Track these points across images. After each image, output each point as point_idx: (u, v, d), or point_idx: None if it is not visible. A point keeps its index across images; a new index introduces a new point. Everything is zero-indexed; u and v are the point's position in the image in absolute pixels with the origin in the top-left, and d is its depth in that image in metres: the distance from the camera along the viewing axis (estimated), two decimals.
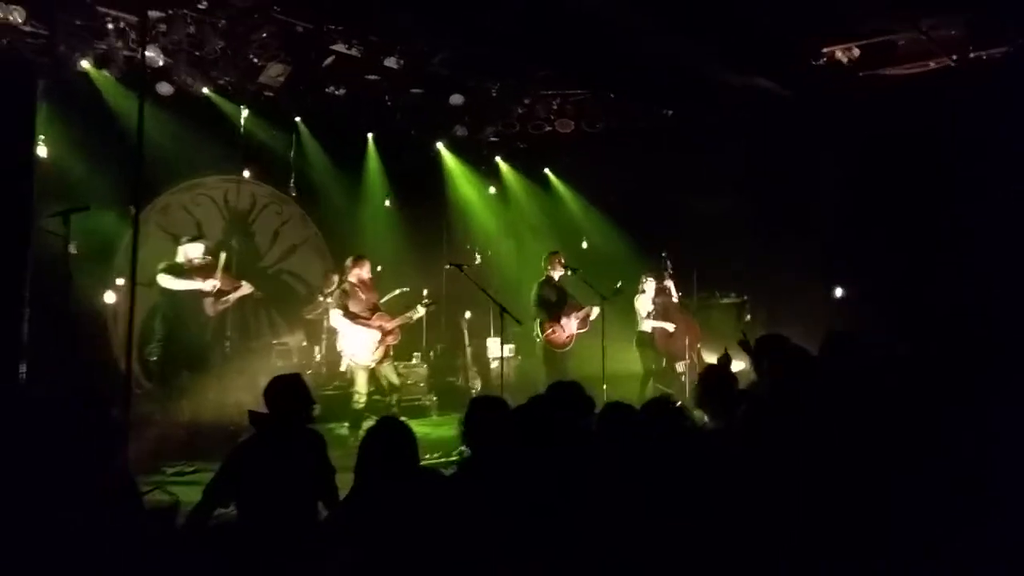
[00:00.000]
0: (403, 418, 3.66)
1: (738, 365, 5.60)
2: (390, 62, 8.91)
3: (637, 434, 3.35)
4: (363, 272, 8.02)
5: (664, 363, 8.99)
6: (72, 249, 5.67)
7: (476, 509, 3.03)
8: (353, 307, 7.90)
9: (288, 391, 3.92)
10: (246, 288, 7.61)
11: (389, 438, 3.14)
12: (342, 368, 8.28)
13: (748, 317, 9.82)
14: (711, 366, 5.47)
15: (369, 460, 3.10)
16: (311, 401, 4.01)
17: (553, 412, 3.63)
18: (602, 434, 3.51)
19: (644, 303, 8.87)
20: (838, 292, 9.42)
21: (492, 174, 12.20)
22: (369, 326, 7.89)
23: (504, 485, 3.15)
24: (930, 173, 8.38)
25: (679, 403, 3.79)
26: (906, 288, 8.41)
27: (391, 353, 8.12)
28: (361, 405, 7.82)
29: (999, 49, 8.10)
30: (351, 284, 7.98)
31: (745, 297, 9.91)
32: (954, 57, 8.25)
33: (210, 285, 7.19)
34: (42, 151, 7.49)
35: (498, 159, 12.14)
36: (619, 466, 3.17)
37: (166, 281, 7.06)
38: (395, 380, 8.12)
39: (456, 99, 9.83)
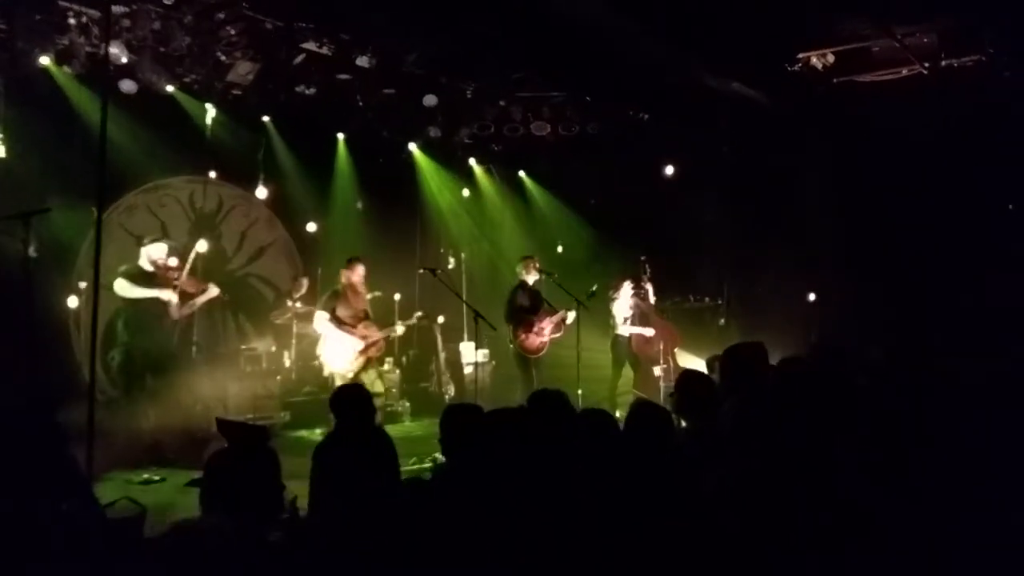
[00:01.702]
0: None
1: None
2: (362, 61, 8.76)
3: (617, 440, 3.33)
4: (355, 275, 7.86)
5: (639, 367, 8.94)
6: (32, 252, 5.44)
7: (454, 515, 2.97)
8: (341, 311, 7.74)
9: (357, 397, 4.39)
10: (213, 291, 7.40)
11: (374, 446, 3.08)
12: (324, 374, 8.09)
13: (723, 321, 9.81)
14: (687, 371, 5.42)
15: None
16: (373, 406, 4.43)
17: (534, 420, 3.60)
18: (581, 439, 3.46)
19: (621, 307, 8.81)
20: (811, 297, 9.44)
21: (466, 176, 12.08)
22: (353, 335, 7.73)
23: (481, 491, 3.12)
24: (904, 178, 8.44)
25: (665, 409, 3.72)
26: (879, 292, 8.46)
27: (373, 364, 7.96)
28: None
29: (972, 58, 8.18)
30: (343, 287, 7.81)
31: (720, 301, 9.90)
32: (927, 65, 8.31)
33: (167, 296, 6.97)
34: (0, 150, 7.25)
35: (472, 161, 12.02)
36: (599, 471, 3.13)
37: (123, 288, 6.83)
38: (380, 389, 7.95)
39: (430, 100, 9.71)
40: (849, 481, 3.03)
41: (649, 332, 8.78)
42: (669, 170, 10.49)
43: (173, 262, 7.13)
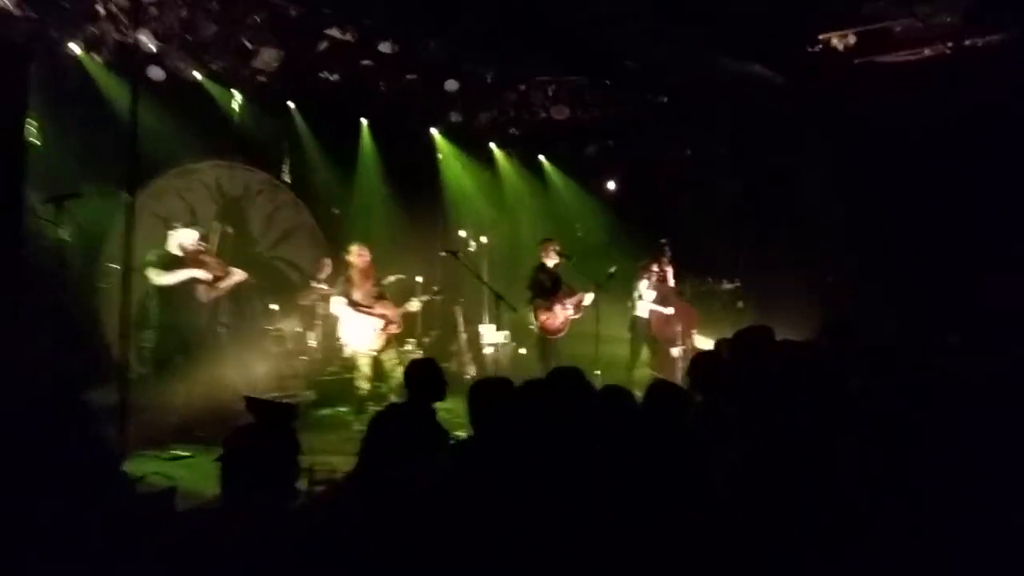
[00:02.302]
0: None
1: None
2: (384, 47, 8.86)
3: (634, 418, 3.38)
4: (359, 259, 8.02)
5: (657, 349, 9.02)
6: (65, 235, 5.63)
7: (478, 490, 3.04)
8: (355, 295, 7.92)
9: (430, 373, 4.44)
10: (238, 275, 7.57)
11: (397, 424, 3.15)
12: (345, 354, 8.28)
13: (741, 304, 9.84)
14: (702, 352, 5.48)
15: (375, 444, 3.11)
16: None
17: (552, 395, 3.64)
18: (601, 418, 3.52)
19: (643, 289, 8.89)
20: (829, 279, 9.44)
21: (487, 161, 12.16)
22: (371, 314, 7.90)
23: (507, 467, 3.16)
24: (925, 161, 8.39)
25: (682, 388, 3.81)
26: (899, 275, 8.44)
27: (393, 343, 8.12)
28: (364, 391, 7.86)
29: (995, 37, 8.10)
30: (353, 271, 7.98)
31: (738, 283, 9.92)
32: (950, 44, 8.24)
33: (202, 275, 7.15)
34: (33, 137, 7.43)
35: (493, 146, 12.10)
36: (620, 450, 3.19)
37: (157, 277, 7.00)
38: (399, 367, 8.11)
39: (451, 85, 9.79)
40: (849, 474, 3.07)
41: (669, 310, 8.85)
42: (688, 152, 10.51)
43: (203, 246, 7.31)
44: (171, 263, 7.11)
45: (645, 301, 8.92)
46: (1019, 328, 6.46)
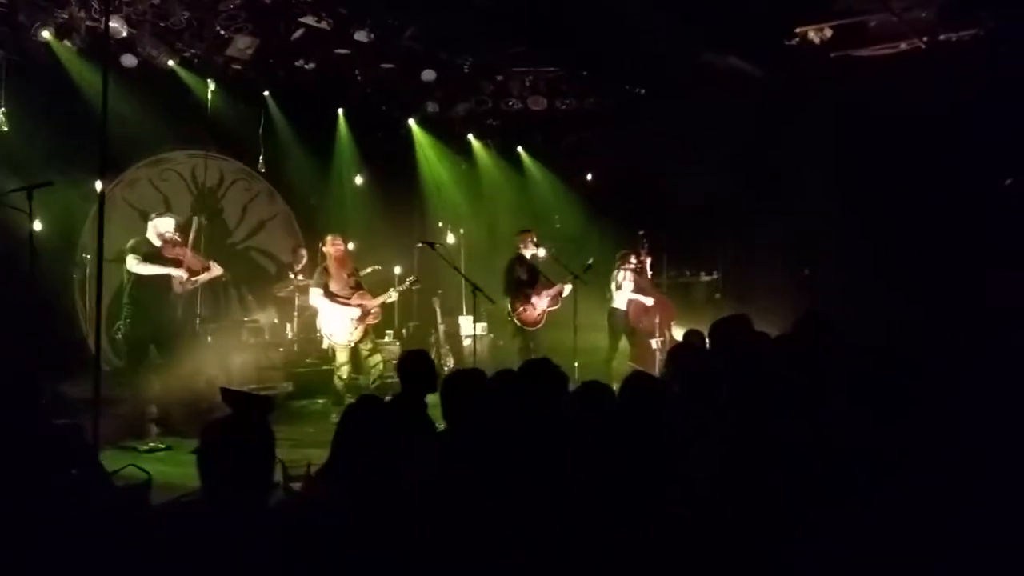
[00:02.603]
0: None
1: None
2: (360, 36, 8.79)
3: (615, 412, 3.38)
4: (332, 248, 7.97)
5: (636, 340, 9.04)
6: (36, 225, 5.54)
7: (454, 481, 3.04)
8: (333, 286, 7.87)
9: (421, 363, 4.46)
10: (216, 270, 7.50)
11: (366, 416, 3.12)
12: (324, 346, 8.25)
13: (718, 295, 9.90)
14: (680, 343, 5.50)
15: (346, 437, 3.08)
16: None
17: (525, 387, 3.64)
18: (578, 411, 3.52)
19: (621, 280, 8.90)
20: (806, 272, 9.52)
21: (464, 151, 12.12)
22: (348, 305, 7.85)
23: (481, 459, 3.15)
24: (901, 153, 8.47)
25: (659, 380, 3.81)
26: (876, 268, 8.53)
27: (370, 333, 8.09)
28: (343, 382, 7.85)
29: (969, 32, 8.18)
30: (330, 261, 7.93)
31: (716, 275, 9.98)
32: (925, 39, 8.32)
33: (179, 273, 7.07)
34: (3, 125, 7.31)
35: (470, 136, 12.06)
36: (597, 442, 3.19)
37: (135, 266, 6.92)
38: (376, 358, 8.10)
39: (428, 75, 9.75)
40: (828, 463, 3.09)
41: (648, 300, 8.89)
42: (666, 144, 10.54)
43: (178, 236, 7.22)
44: (150, 253, 7.02)
45: (623, 292, 8.93)
46: (996, 317, 6.55)
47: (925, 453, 3.00)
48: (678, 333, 8.95)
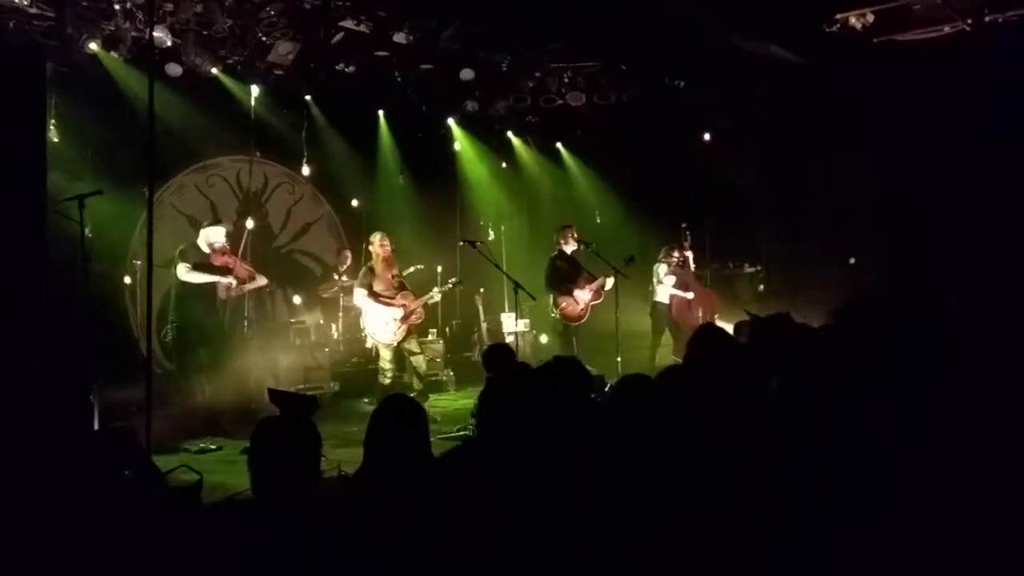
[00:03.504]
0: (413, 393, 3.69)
1: None
2: (399, 38, 8.87)
3: (651, 403, 3.35)
4: (382, 248, 8.06)
5: (679, 334, 8.98)
6: (88, 233, 5.69)
7: (483, 480, 3.05)
8: (377, 286, 7.97)
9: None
10: (261, 280, 7.73)
11: (396, 416, 3.14)
12: (368, 345, 8.36)
13: (762, 287, 9.79)
14: (698, 331, 5.42)
15: (377, 437, 3.11)
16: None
17: (552, 383, 3.64)
18: (616, 404, 3.51)
19: (663, 274, 8.86)
20: (851, 261, 9.36)
21: (504, 149, 12.15)
22: (392, 305, 7.94)
23: (510, 456, 3.16)
24: (947, 139, 8.28)
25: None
26: (922, 257, 8.36)
27: (414, 333, 8.16)
28: (388, 381, 7.95)
29: (1015, 12, 7.96)
30: (373, 261, 8.03)
31: (759, 267, 9.87)
32: (970, 21, 8.12)
33: (228, 281, 7.25)
34: (53, 135, 7.51)
35: (510, 134, 12.08)
36: (633, 436, 3.18)
37: (184, 274, 7.11)
38: (419, 357, 8.18)
39: (467, 74, 9.78)
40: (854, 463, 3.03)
41: (689, 295, 8.83)
42: (707, 136, 10.45)
43: (228, 246, 7.38)
44: (199, 263, 7.18)
45: (665, 286, 8.89)
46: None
47: (932, 448, 2.95)
48: (722, 325, 8.88)
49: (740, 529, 2.70)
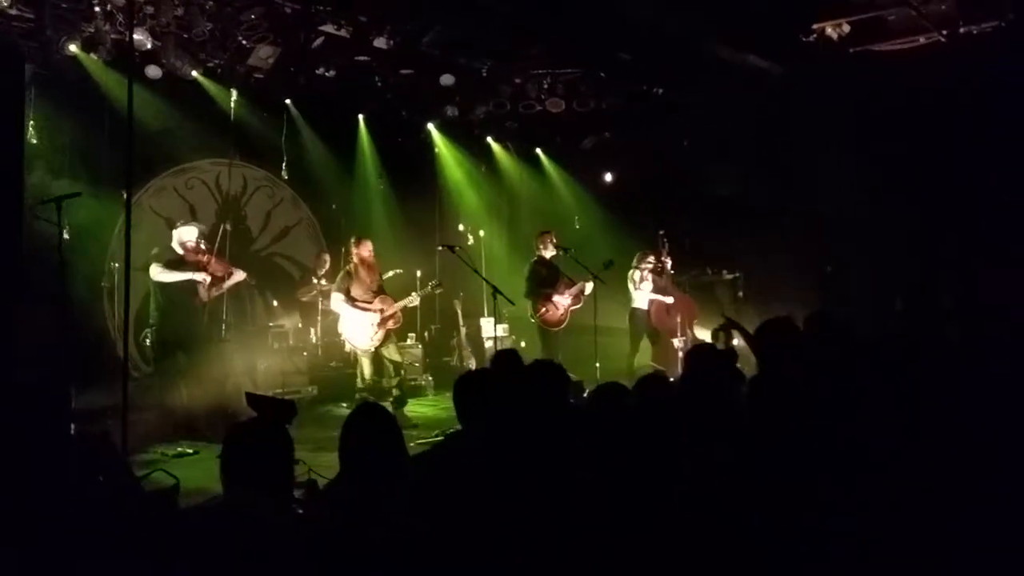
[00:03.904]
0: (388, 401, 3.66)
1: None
2: (380, 42, 8.88)
3: (630, 410, 3.39)
4: (365, 252, 8.06)
5: (658, 340, 9.05)
6: (65, 235, 5.66)
7: (461, 483, 3.06)
8: (355, 290, 7.96)
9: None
10: (239, 275, 7.64)
11: (367, 426, 3.15)
12: (347, 349, 8.35)
13: (740, 294, 9.87)
14: (700, 344, 5.49)
15: (350, 448, 3.11)
16: None
17: (534, 385, 3.67)
18: (594, 409, 3.54)
19: (641, 280, 8.92)
20: (828, 269, 9.46)
21: (484, 154, 12.18)
22: (369, 310, 7.93)
23: (489, 458, 3.17)
24: (922, 149, 8.40)
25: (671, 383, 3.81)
26: (898, 265, 8.46)
27: (392, 337, 8.16)
28: (365, 385, 7.94)
29: (990, 24, 8.09)
30: (354, 265, 8.02)
31: (738, 274, 9.95)
32: (944, 32, 8.24)
33: (201, 277, 7.21)
34: (32, 137, 7.46)
35: (489, 139, 12.12)
36: (611, 440, 3.20)
37: (158, 274, 7.08)
38: (397, 358, 8.17)
39: (447, 79, 9.80)
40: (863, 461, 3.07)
41: (669, 300, 8.90)
42: (685, 143, 10.53)
43: (203, 245, 7.34)
44: (173, 261, 7.15)
45: (644, 292, 8.95)
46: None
47: (919, 451, 2.99)
48: (700, 332, 8.96)
49: (718, 535, 2.74)
